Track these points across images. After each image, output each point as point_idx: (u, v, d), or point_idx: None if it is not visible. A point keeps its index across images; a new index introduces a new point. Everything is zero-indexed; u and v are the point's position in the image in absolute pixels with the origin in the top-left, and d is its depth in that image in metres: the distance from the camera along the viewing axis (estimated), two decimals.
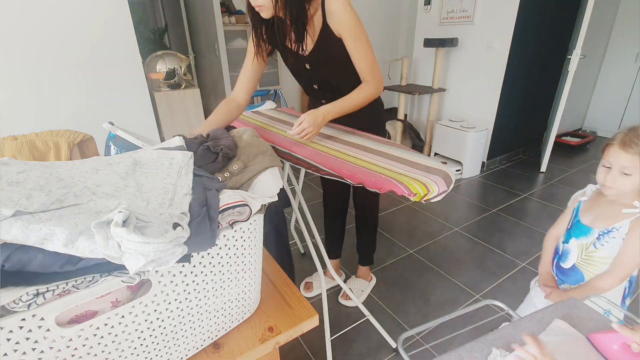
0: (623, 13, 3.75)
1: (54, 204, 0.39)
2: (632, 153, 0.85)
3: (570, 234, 1.03)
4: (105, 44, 1.79)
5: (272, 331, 0.61)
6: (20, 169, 0.44)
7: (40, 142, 1.01)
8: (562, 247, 1.05)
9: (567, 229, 1.05)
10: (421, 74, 3.55)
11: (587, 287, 0.97)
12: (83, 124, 1.27)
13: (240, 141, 0.76)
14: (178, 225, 0.41)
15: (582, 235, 0.99)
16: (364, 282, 1.73)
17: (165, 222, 0.41)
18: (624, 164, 0.86)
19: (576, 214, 1.03)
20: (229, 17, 4.05)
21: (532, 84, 3.19)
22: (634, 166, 0.85)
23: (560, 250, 1.06)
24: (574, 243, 1.01)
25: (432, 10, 3.25)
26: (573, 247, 1.01)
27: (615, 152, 0.88)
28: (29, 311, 0.36)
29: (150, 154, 0.59)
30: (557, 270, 1.07)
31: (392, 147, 0.99)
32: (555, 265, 1.07)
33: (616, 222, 0.92)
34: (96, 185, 0.46)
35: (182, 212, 0.45)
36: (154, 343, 0.49)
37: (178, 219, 0.42)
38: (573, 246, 1.01)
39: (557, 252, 1.08)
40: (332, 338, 1.31)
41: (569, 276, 1.03)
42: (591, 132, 4.19)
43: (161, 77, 2.43)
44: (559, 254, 1.06)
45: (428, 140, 3.36)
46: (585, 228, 0.99)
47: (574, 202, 1.07)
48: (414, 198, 0.76)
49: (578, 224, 1.01)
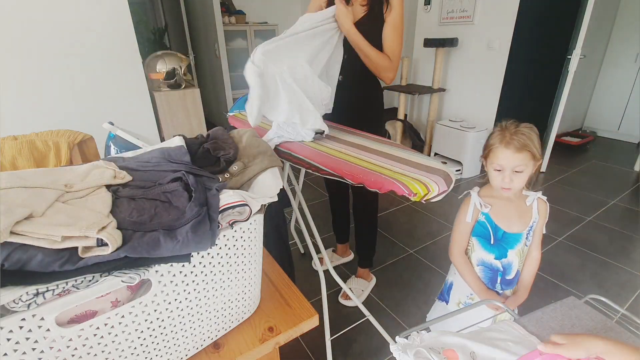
0: (623, 13, 3.75)
1: None
2: (521, 152, 0.89)
3: (503, 247, 1.00)
4: (105, 44, 1.78)
5: (272, 331, 0.61)
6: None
7: (40, 142, 1.01)
8: (502, 263, 1.01)
9: (491, 245, 1.01)
10: (421, 74, 3.56)
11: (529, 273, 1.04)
12: (83, 124, 1.26)
13: (240, 142, 0.76)
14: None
15: (516, 243, 1.00)
16: (364, 282, 1.73)
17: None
18: (516, 163, 0.90)
19: (494, 226, 0.99)
20: (229, 17, 4.05)
21: (532, 84, 3.19)
22: (524, 163, 0.90)
23: (500, 267, 1.02)
24: (513, 254, 1.00)
25: (432, 10, 3.26)
26: (513, 258, 1.01)
27: (508, 155, 0.90)
28: (28, 311, 0.36)
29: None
30: (502, 285, 1.04)
31: (392, 147, 0.99)
32: (501, 282, 1.04)
33: (532, 216, 0.99)
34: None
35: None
36: (154, 343, 0.49)
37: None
38: (513, 257, 1.01)
39: (494, 270, 1.03)
40: (332, 338, 1.31)
41: (513, 282, 1.05)
42: (591, 132, 4.19)
43: (161, 77, 2.43)
44: (500, 271, 1.02)
45: (428, 140, 3.36)
46: (514, 235, 0.99)
47: (467, 215, 1.01)
48: (414, 198, 0.76)
49: (506, 235, 0.99)
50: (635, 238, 2.14)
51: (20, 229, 0.38)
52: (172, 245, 0.43)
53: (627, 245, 2.08)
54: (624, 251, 2.02)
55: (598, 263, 1.92)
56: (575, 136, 3.86)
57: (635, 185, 2.84)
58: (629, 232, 2.20)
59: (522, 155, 0.89)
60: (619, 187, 2.80)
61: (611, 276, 1.82)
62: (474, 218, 1.01)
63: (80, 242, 0.39)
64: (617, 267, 1.88)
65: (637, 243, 2.09)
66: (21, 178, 0.47)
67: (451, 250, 1.07)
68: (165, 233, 0.44)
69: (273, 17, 4.45)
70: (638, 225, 2.26)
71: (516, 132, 0.89)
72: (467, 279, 1.04)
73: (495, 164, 0.93)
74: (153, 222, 0.46)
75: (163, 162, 0.61)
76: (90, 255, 0.39)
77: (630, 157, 3.43)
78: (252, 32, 4.23)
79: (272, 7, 4.47)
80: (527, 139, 0.89)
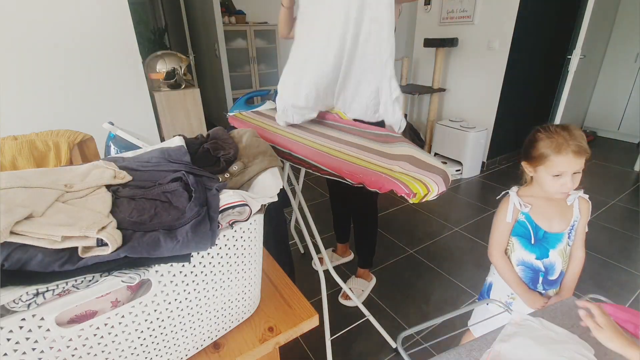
0: (623, 13, 3.75)
1: None
2: (582, 156, 0.89)
3: (544, 247, 0.99)
4: (106, 44, 1.78)
5: (272, 331, 0.61)
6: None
7: (40, 142, 1.01)
8: (544, 264, 1.01)
9: (532, 245, 1.00)
10: (421, 74, 3.56)
11: (573, 274, 1.03)
12: (83, 124, 1.26)
13: (240, 142, 0.76)
14: None
15: (557, 243, 0.99)
16: (364, 282, 1.73)
17: None
18: (577, 168, 0.89)
19: (534, 226, 0.99)
20: (229, 17, 4.05)
21: (532, 84, 3.18)
22: (583, 165, 0.90)
23: (542, 267, 1.01)
24: (554, 254, 0.99)
25: (432, 10, 3.26)
26: (556, 258, 1.00)
27: (568, 160, 0.89)
28: (28, 311, 0.36)
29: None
30: (544, 285, 1.04)
31: (392, 145, 0.98)
32: (543, 282, 1.03)
33: (573, 215, 0.99)
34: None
35: None
36: (154, 343, 0.49)
37: None
38: (555, 257, 1.00)
39: (535, 270, 1.02)
40: (332, 338, 1.31)
41: (557, 282, 1.04)
42: (591, 132, 4.19)
43: (161, 77, 2.43)
44: (542, 272, 1.02)
45: (428, 140, 3.36)
46: (555, 235, 0.98)
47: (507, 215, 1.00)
48: (412, 199, 0.76)
49: (547, 234, 0.98)
50: (635, 238, 2.14)
51: (20, 229, 0.38)
52: (172, 245, 0.43)
53: (627, 245, 2.08)
54: (624, 251, 2.02)
55: (598, 263, 1.92)
56: None
57: (635, 185, 2.84)
58: (629, 232, 2.20)
59: (582, 158, 0.89)
60: (619, 187, 2.80)
61: (611, 276, 1.82)
62: (514, 218, 1.00)
63: (80, 242, 0.39)
64: (617, 267, 1.88)
65: (637, 243, 2.09)
66: (21, 178, 0.47)
67: (490, 250, 1.06)
68: (165, 233, 0.44)
69: (273, 17, 4.45)
70: (638, 225, 2.26)
71: (572, 137, 0.88)
72: (508, 279, 1.03)
73: (554, 170, 0.90)
74: (153, 222, 0.46)
75: (163, 162, 0.61)
76: (90, 255, 0.39)
77: (630, 157, 3.43)
78: (252, 32, 4.23)
79: (272, 7, 4.47)
80: (582, 141, 0.89)
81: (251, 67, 4.40)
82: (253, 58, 4.36)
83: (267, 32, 4.35)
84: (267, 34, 4.36)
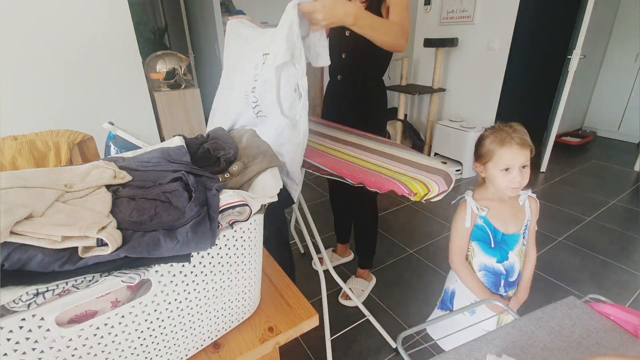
0: (623, 13, 3.75)
1: None
2: (525, 148, 0.91)
3: (504, 249, 1.00)
4: (105, 44, 1.78)
5: (272, 331, 0.61)
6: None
7: (40, 142, 1.01)
8: (504, 266, 1.01)
9: (492, 249, 1.00)
10: (421, 74, 3.56)
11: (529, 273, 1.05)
12: (83, 124, 1.26)
13: (240, 142, 0.75)
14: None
15: (515, 244, 1.00)
16: (364, 282, 1.73)
17: None
18: (522, 160, 0.91)
19: (493, 229, 0.99)
20: (229, 17, 4.06)
21: (532, 84, 3.19)
22: (528, 158, 0.92)
23: (503, 270, 1.01)
24: (513, 255, 1.00)
25: (432, 10, 3.26)
26: (514, 259, 1.01)
27: (513, 152, 0.90)
28: (28, 311, 0.36)
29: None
30: (505, 287, 1.04)
31: (392, 147, 0.99)
32: (505, 285, 1.03)
33: (525, 215, 1.01)
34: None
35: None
36: (154, 343, 0.49)
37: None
38: (514, 258, 1.01)
39: (497, 274, 1.02)
40: (332, 338, 1.31)
41: (515, 283, 1.05)
42: (591, 132, 4.19)
43: (161, 77, 2.43)
44: (503, 274, 1.02)
45: (428, 140, 3.36)
46: (512, 237, 0.99)
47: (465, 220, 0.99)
48: (414, 198, 0.76)
49: (505, 237, 0.99)
50: (635, 238, 2.14)
51: (20, 229, 0.37)
52: (172, 245, 0.43)
53: (627, 245, 2.08)
54: (624, 251, 2.02)
55: (598, 263, 1.92)
56: (575, 136, 3.86)
57: (635, 185, 2.84)
58: (629, 232, 2.20)
59: (526, 150, 0.91)
60: (619, 187, 2.80)
61: (611, 276, 1.82)
62: (472, 222, 1.00)
63: (80, 242, 0.39)
64: (617, 267, 1.88)
65: (637, 243, 2.09)
66: (21, 178, 0.47)
67: (451, 257, 1.05)
68: (165, 233, 0.44)
69: (273, 17, 4.44)
70: (638, 225, 2.26)
71: (514, 130, 0.92)
72: (471, 286, 1.02)
73: (501, 164, 0.92)
74: (153, 222, 0.46)
75: (163, 162, 0.61)
76: (90, 255, 0.39)
77: (630, 157, 3.43)
78: None
79: (272, 7, 4.47)
80: (525, 135, 0.92)
81: None
82: None
83: None
84: None
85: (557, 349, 0.63)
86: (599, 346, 0.62)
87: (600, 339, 0.65)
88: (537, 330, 0.68)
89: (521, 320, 0.72)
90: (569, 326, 0.69)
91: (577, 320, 0.70)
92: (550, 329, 0.68)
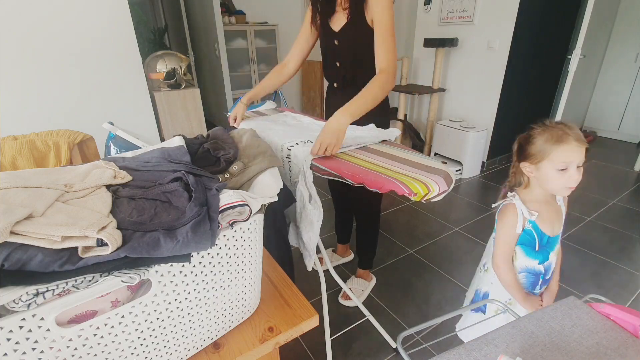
0: (623, 13, 3.75)
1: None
2: (583, 144, 0.86)
3: (547, 251, 0.98)
4: (105, 44, 1.79)
5: (272, 331, 0.61)
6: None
7: (40, 142, 1.01)
8: (544, 267, 1.00)
9: (535, 252, 0.98)
10: (421, 74, 3.55)
11: (557, 269, 1.05)
12: (83, 124, 1.27)
13: (240, 142, 0.76)
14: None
15: (556, 244, 1.00)
16: (364, 282, 1.73)
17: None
18: (581, 158, 0.86)
19: (540, 233, 0.96)
20: (229, 17, 4.05)
21: (532, 84, 3.18)
22: (584, 158, 0.87)
23: (543, 270, 1.00)
24: (553, 255, 1.00)
25: (432, 10, 3.25)
26: (553, 259, 1.01)
27: (572, 149, 0.85)
28: (28, 311, 0.36)
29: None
30: (541, 286, 1.03)
31: (392, 147, 0.99)
32: (542, 284, 1.03)
33: (562, 215, 1.00)
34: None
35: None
36: (154, 343, 0.49)
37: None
38: (553, 258, 1.00)
39: (537, 274, 1.01)
40: (332, 338, 1.31)
41: (549, 280, 1.05)
42: (591, 132, 4.19)
43: (161, 77, 2.43)
44: (542, 274, 1.01)
45: (428, 140, 3.36)
46: (555, 238, 0.98)
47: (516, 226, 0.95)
48: (414, 198, 0.76)
49: (550, 240, 0.97)
50: (635, 238, 2.14)
51: (20, 229, 0.38)
52: (172, 245, 0.43)
53: (627, 245, 2.07)
54: (624, 251, 2.01)
55: (598, 263, 1.92)
56: None
57: (635, 185, 2.84)
58: (629, 232, 2.20)
59: (583, 147, 0.86)
60: (619, 187, 2.80)
61: (611, 276, 1.82)
62: (522, 227, 0.95)
63: (80, 242, 0.39)
64: (617, 267, 1.88)
65: (637, 243, 2.09)
66: (21, 178, 0.47)
67: (497, 262, 1.00)
68: (165, 233, 0.44)
69: (273, 17, 4.45)
70: (638, 225, 2.26)
71: (570, 127, 0.86)
72: (512, 289, 1.00)
73: (559, 163, 0.86)
74: (153, 222, 0.46)
75: (163, 162, 0.61)
76: (90, 255, 0.39)
77: (630, 157, 3.43)
78: (252, 32, 4.23)
79: (272, 7, 4.47)
80: (580, 132, 0.87)
81: (251, 67, 4.40)
82: (253, 58, 4.36)
83: (267, 32, 4.35)
84: (267, 34, 4.36)
85: (557, 349, 0.63)
86: (599, 346, 0.62)
87: (600, 339, 0.65)
88: (537, 330, 0.68)
89: (521, 321, 0.72)
90: (569, 326, 0.69)
91: (578, 320, 0.70)
92: (551, 329, 0.68)
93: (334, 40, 1.30)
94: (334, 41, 1.30)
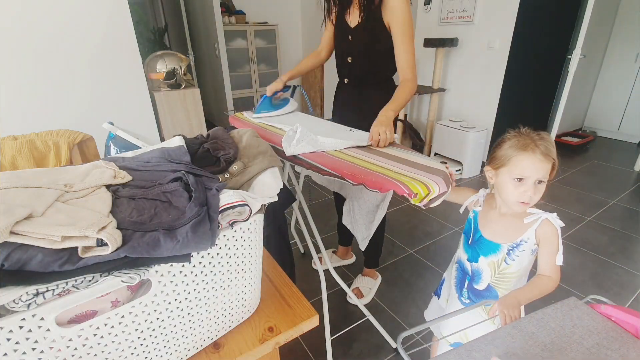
0: (623, 13, 3.75)
1: None
2: (548, 160, 0.80)
3: (476, 251, 0.92)
4: (106, 44, 1.78)
5: (272, 331, 0.61)
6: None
7: (40, 142, 1.01)
8: (471, 267, 0.93)
9: (468, 245, 0.94)
10: (421, 74, 3.56)
11: (532, 283, 0.85)
12: (83, 124, 1.27)
13: (240, 142, 0.75)
14: None
15: (490, 253, 0.89)
16: (370, 280, 1.74)
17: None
18: (541, 174, 0.80)
19: (475, 227, 0.91)
20: (229, 17, 4.05)
21: (532, 84, 3.18)
22: (547, 174, 0.81)
23: (469, 270, 0.94)
24: (484, 262, 0.91)
25: (432, 10, 3.26)
26: (484, 267, 0.91)
27: (533, 161, 0.79)
28: (28, 311, 0.36)
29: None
30: (469, 293, 0.96)
31: (392, 148, 0.99)
32: (468, 288, 0.96)
33: (522, 235, 0.85)
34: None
35: None
36: (154, 343, 0.49)
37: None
38: (484, 265, 0.91)
39: (464, 272, 0.96)
40: (332, 338, 1.31)
41: (484, 295, 0.94)
42: (591, 132, 4.19)
43: (161, 77, 2.43)
44: (469, 275, 0.94)
45: (428, 140, 3.36)
46: (491, 244, 0.89)
47: (470, 192, 0.97)
48: (414, 199, 0.76)
49: (482, 239, 0.90)
50: (635, 238, 2.14)
51: (20, 229, 0.37)
52: (172, 245, 0.43)
53: (627, 245, 2.08)
54: (624, 251, 2.01)
55: (598, 263, 1.92)
56: (575, 136, 3.86)
57: (635, 185, 2.84)
58: (629, 232, 2.20)
59: (548, 164, 0.80)
60: (619, 187, 2.80)
61: (611, 276, 1.82)
62: (469, 209, 0.97)
63: (80, 242, 0.39)
64: (617, 267, 1.88)
65: (637, 243, 2.09)
66: (21, 178, 0.47)
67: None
68: (165, 233, 0.44)
69: (273, 17, 4.45)
70: (638, 225, 2.26)
71: (541, 138, 0.80)
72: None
73: (515, 173, 0.81)
74: (153, 222, 0.46)
75: (163, 162, 0.61)
76: (90, 255, 0.39)
77: (630, 157, 3.43)
78: (252, 32, 4.23)
79: (272, 7, 4.47)
80: (551, 146, 0.80)
81: (251, 67, 4.40)
82: (253, 58, 4.36)
83: (267, 32, 4.35)
84: (267, 34, 4.36)
85: (557, 349, 0.63)
86: (599, 347, 0.62)
87: (600, 339, 0.64)
88: (537, 330, 0.68)
89: (522, 321, 0.72)
90: (570, 327, 0.69)
91: (578, 321, 0.70)
92: (551, 330, 0.68)
93: (348, 36, 1.31)
94: (348, 36, 1.31)
